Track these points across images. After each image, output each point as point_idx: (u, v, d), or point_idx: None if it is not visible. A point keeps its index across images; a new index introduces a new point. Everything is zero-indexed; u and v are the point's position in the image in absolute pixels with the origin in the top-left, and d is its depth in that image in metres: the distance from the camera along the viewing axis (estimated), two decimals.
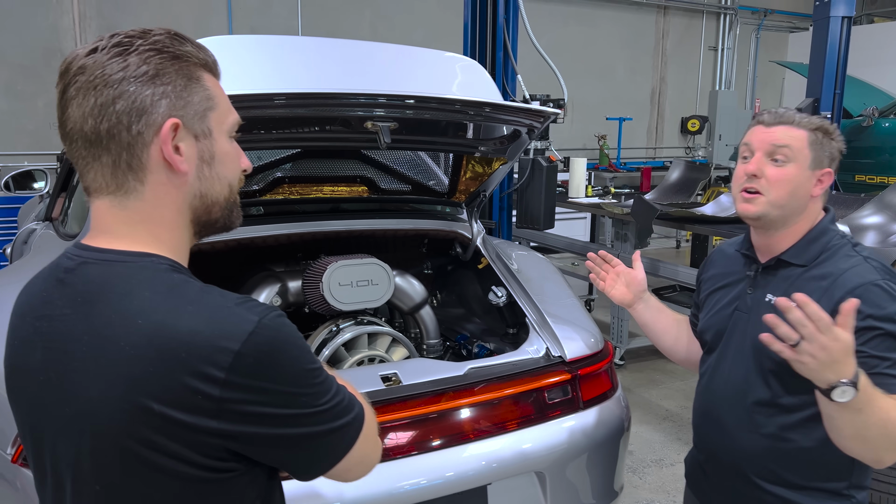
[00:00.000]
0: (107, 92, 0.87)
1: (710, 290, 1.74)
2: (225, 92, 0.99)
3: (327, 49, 2.03)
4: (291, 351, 0.90)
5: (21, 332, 0.98)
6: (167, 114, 0.89)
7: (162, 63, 0.89)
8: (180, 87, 0.91)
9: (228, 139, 0.99)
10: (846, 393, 1.26)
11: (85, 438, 0.88)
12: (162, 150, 0.90)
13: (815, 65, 4.99)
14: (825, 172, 1.52)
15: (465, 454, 1.91)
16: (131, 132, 0.88)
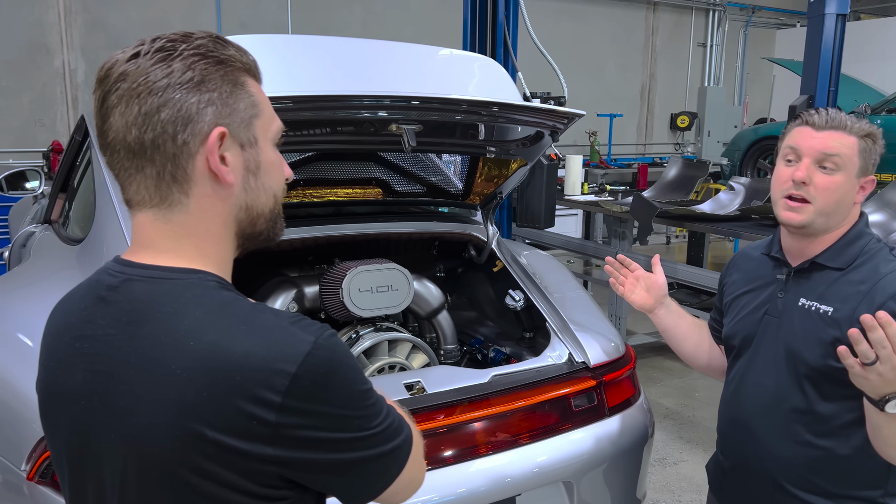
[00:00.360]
0: (151, 100, 0.82)
1: (735, 294, 1.70)
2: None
3: (346, 49, 1.98)
4: (346, 372, 0.86)
5: (59, 353, 0.92)
6: (213, 122, 0.85)
7: (207, 69, 0.84)
8: (226, 93, 0.86)
9: (273, 147, 0.94)
10: None
11: (132, 464, 0.84)
12: (208, 161, 0.85)
13: (810, 62, 4.99)
14: (868, 180, 1.50)
15: (494, 464, 1.87)
16: (177, 142, 0.83)
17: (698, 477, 3.62)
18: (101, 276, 0.92)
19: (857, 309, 1.41)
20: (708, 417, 4.37)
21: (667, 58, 10.77)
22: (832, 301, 1.47)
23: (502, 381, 1.99)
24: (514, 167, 2.37)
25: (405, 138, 1.85)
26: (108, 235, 2.24)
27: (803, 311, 1.51)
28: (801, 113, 1.52)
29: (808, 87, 5.05)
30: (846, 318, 1.42)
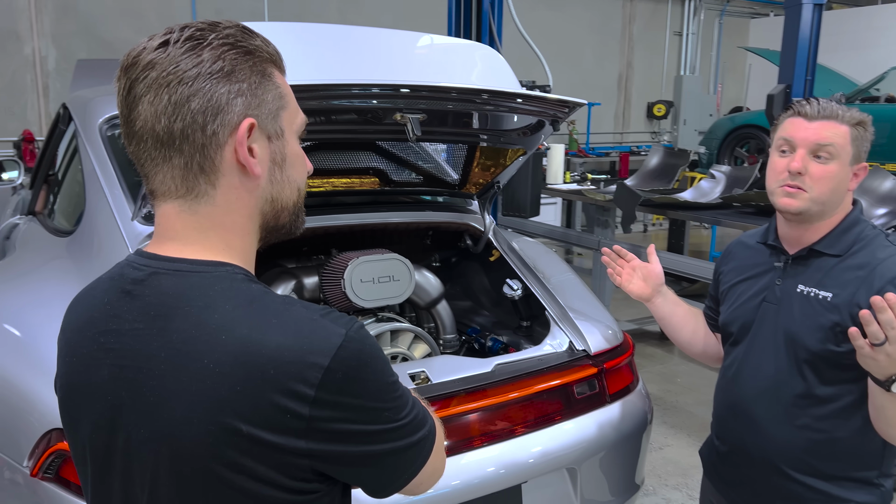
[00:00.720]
0: (181, 89, 0.81)
1: (732, 282, 1.73)
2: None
3: (347, 37, 1.95)
4: (376, 364, 0.86)
5: (81, 349, 0.90)
6: (243, 113, 0.84)
7: (236, 59, 0.84)
8: (255, 84, 0.85)
9: (297, 140, 0.94)
10: None
11: (163, 460, 0.83)
12: (237, 152, 0.84)
13: (787, 51, 5.05)
14: (861, 167, 1.53)
15: (500, 453, 1.88)
16: (206, 132, 0.82)
17: (683, 461, 3.69)
18: (125, 269, 0.90)
19: (857, 294, 1.45)
20: (691, 402, 4.44)
21: (643, 46, 10.83)
22: (831, 287, 1.50)
23: (506, 369, 2.00)
24: (511, 156, 2.37)
25: (410, 127, 1.84)
26: (99, 227, 2.20)
27: (802, 298, 1.54)
28: (793, 104, 1.55)
29: (785, 76, 5.11)
30: (845, 303, 1.46)
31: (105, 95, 2.72)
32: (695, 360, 1.88)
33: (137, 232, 2.06)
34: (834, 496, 1.53)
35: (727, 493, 1.73)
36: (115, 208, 2.15)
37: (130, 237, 2.05)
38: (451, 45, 2.11)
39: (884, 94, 6.33)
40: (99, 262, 2.14)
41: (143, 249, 0.90)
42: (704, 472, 1.84)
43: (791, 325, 1.54)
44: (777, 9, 11.40)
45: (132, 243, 2.03)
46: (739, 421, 1.66)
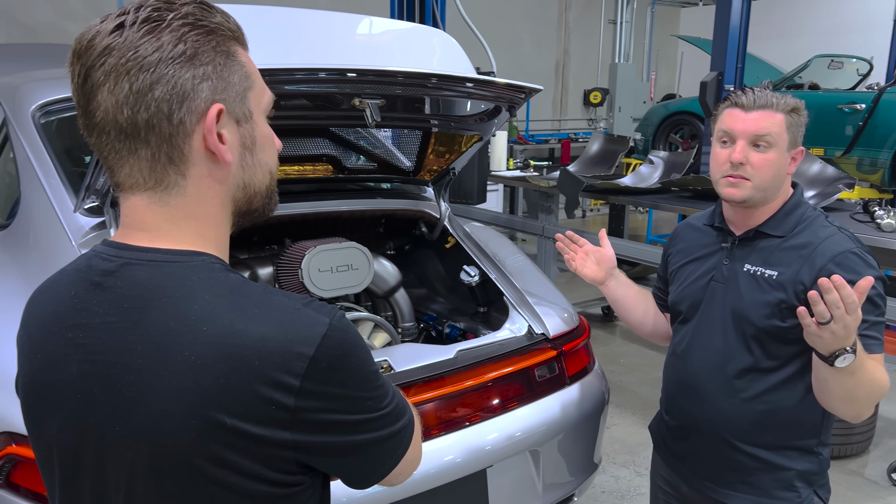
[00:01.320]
0: (143, 77, 0.76)
1: (680, 263, 1.79)
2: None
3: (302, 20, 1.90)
4: (359, 353, 0.85)
5: (46, 345, 0.86)
6: (210, 98, 0.80)
7: (198, 39, 0.79)
8: (220, 66, 0.81)
9: (265, 120, 0.90)
10: (847, 359, 1.36)
11: (142, 458, 0.79)
12: (206, 140, 0.80)
13: (719, 40, 5.21)
14: (798, 151, 1.60)
15: (465, 438, 1.89)
16: (172, 121, 0.78)
17: (630, 439, 3.79)
18: (93, 260, 0.85)
19: (800, 272, 1.52)
20: (635, 382, 4.56)
21: (579, 34, 10.98)
22: (776, 265, 1.57)
23: (468, 355, 2.01)
24: (466, 142, 2.37)
25: (369, 112, 1.81)
26: (37, 220, 2.09)
27: (748, 276, 1.60)
28: (729, 95, 1.61)
29: (717, 63, 5.26)
30: (790, 281, 1.53)
31: (35, 81, 2.58)
32: (637, 341, 1.94)
33: (80, 225, 1.97)
34: (777, 465, 1.61)
35: (676, 467, 1.79)
36: (55, 200, 2.05)
37: (73, 230, 1.95)
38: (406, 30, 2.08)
39: (807, 82, 6.60)
40: (38, 256, 2.03)
41: (111, 240, 0.86)
42: (654, 447, 1.90)
43: (738, 302, 1.61)
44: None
45: (75, 237, 1.94)
46: (688, 396, 1.71)
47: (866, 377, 1.42)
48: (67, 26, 6.98)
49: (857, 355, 1.36)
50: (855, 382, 1.42)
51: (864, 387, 1.43)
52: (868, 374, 1.42)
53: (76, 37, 0.80)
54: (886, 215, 3.44)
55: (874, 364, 1.45)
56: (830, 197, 3.95)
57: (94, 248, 0.87)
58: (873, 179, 5.67)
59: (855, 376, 1.40)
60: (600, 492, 3.29)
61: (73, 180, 2.14)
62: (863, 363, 1.40)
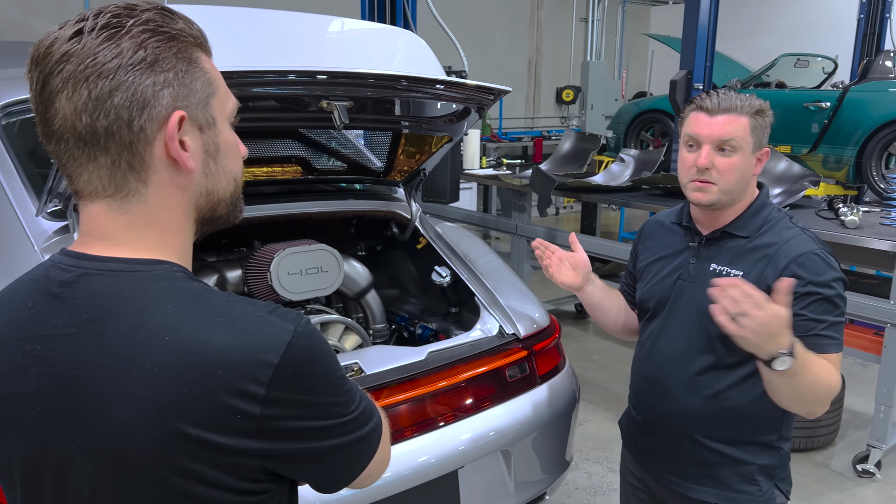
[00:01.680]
0: (101, 83, 0.75)
1: (648, 260, 1.81)
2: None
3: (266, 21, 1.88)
4: (324, 359, 0.84)
5: (2, 358, 0.84)
6: (171, 105, 0.79)
7: (159, 46, 0.78)
8: (182, 72, 0.80)
9: (229, 127, 0.90)
10: (785, 362, 1.37)
11: (105, 470, 0.78)
12: (167, 147, 0.80)
13: (688, 39, 5.27)
14: (763, 152, 1.63)
15: (436, 440, 1.89)
16: (133, 128, 0.77)
17: (602, 435, 3.83)
18: (50, 270, 0.84)
19: (764, 271, 1.56)
20: (607, 378, 4.61)
21: (551, 32, 11.03)
22: (741, 265, 1.60)
23: (439, 356, 2.01)
24: (437, 143, 2.37)
25: (337, 114, 1.80)
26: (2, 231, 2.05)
27: (714, 276, 1.63)
28: (695, 98, 1.63)
29: (686, 62, 5.33)
30: (754, 281, 1.55)
31: None
32: (610, 338, 1.95)
33: (43, 229, 1.93)
34: (739, 459, 1.64)
35: (643, 461, 1.81)
36: (16, 203, 2.00)
37: (35, 234, 1.92)
38: (374, 31, 2.07)
39: (774, 80, 6.71)
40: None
41: (69, 249, 0.84)
42: (623, 441, 1.92)
43: (704, 301, 1.62)
44: None
45: (37, 241, 1.91)
46: (654, 392, 1.74)
47: (811, 378, 1.43)
48: (32, 24, 6.84)
49: (796, 357, 1.36)
50: (799, 383, 1.43)
51: (809, 387, 1.45)
52: (813, 375, 1.43)
53: (34, 44, 0.79)
54: (850, 212, 3.52)
55: (823, 365, 1.47)
56: (797, 194, 4.02)
57: (52, 258, 0.85)
58: (838, 176, 5.78)
59: (798, 378, 1.41)
60: (574, 488, 3.32)
61: (36, 183, 2.10)
62: (807, 365, 1.41)
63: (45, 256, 1.85)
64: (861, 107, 5.55)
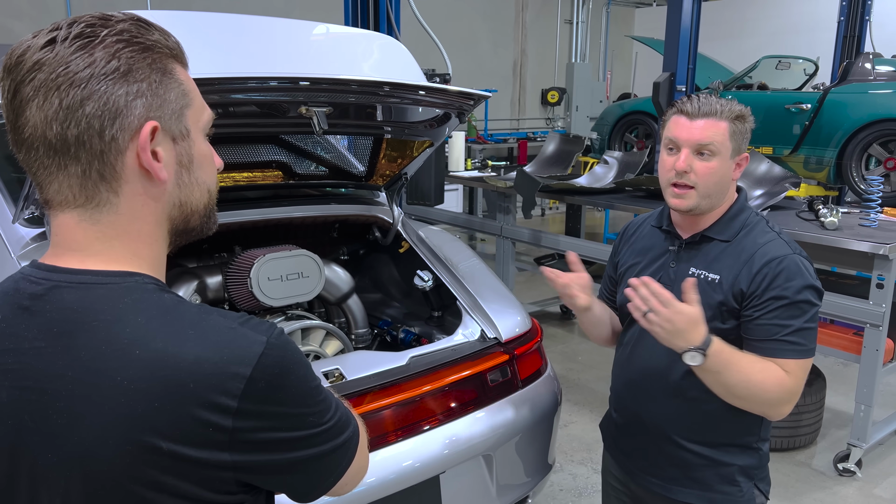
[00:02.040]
0: (73, 92, 0.75)
1: (629, 263, 1.82)
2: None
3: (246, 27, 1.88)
4: (298, 370, 0.84)
5: None
6: (144, 116, 0.79)
7: (133, 56, 0.78)
8: (155, 83, 0.80)
9: (204, 139, 0.89)
10: (695, 358, 1.45)
11: (76, 484, 0.78)
12: (139, 157, 0.79)
13: (670, 41, 5.30)
14: (742, 157, 1.64)
15: (418, 445, 1.90)
16: (104, 138, 0.77)
17: (587, 437, 3.84)
18: (20, 283, 0.83)
19: (739, 275, 1.57)
20: (592, 379, 4.63)
21: (536, 34, 11.06)
22: (719, 269, 1.62)
23: (420, 361, 2.01)
24: (418, 148, 2.37)
25: (316, 120, 1.79)
26: None
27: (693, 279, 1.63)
28: (676, 102, 1.65)
29: (669, 64, 5.36)
30: (729, 284, 1.58)
31: None
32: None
33: (20, 236, 1.91)
34: (719, 461, 1.65)
35: (624, 464, 1.82)
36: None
37: (12, 242, 1.90)
38: (354, 36, 2.07)
39: (756, 82, 6.76)
40: None
41: (39, 261, 0.84)
42: (604, 444, 1.93)
43: None
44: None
45: (14, 248, 1.89)
46: (635, 394, 1.75)
47: (738, 377, 1.48)
48: (13, 26, 6.77)
49: (709, 356, 1.44)
50: (725, 381, 1.49)
51: (739, 386, 1.49)
52: (740, 375, 1.48)
53: (7, 52, 0.78)
54: (830, 214, 3.55)
55: (763, 366, 1.50)
56: (778, 196, 4.06)
57: (22, 271, 0.85)
58: (819, 177, 5.83)
59: (722, 375, 1.47)
60: (558, 490, 3.33)
61: (12, 189, 2.08)
62: (729, 364, 1.47)
63: (22, 264, 1.83)
64: (841, 108, 5.60)
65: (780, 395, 1.52)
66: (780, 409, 1.55)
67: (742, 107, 1.63)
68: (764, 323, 1.53)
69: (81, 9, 7.04)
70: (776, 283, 1.53)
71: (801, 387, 1.55)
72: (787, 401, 1.54)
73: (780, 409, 1.55)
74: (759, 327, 1.54)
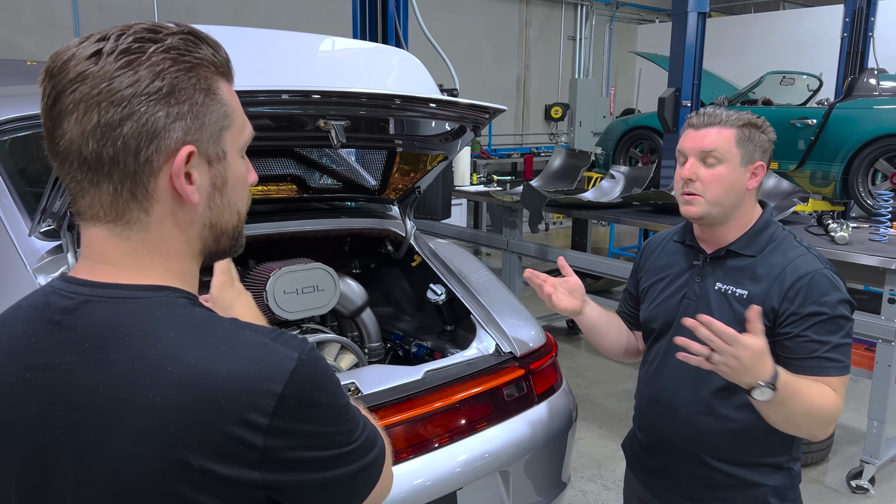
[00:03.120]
0: (113, 111, 0.74)
1: (652, 280, 1.80)
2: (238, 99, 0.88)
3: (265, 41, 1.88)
4: (328, 388, 0.83)
5: (2, 386, 0.82)
6: (182, 139, 0.78)
7: (178, 77, 0.77)
8: (197, 105, 0.79)
9: (240, 158, 0.88)
10: (765, 393, 1.38)
11: (106, 500, 0.77)
12: (172, 180, 0.79)
13: (675, 57, 5.33)
14: (758, 165, 1.62)
15: (434, 461, 1.87)
16: (139, 159, 0.76)
17: (597, 453, 3.81)
18: (50, 297, 0.83)
19: (769, 291, 1.55)
20: (600, 395, 4.60)
21: (540, 50, 11.14)
22: (746, 285, 1.59)
23: (436, 376, 2.00)
24: (431, 161, 2.37)
25: (334, 134, 1.80)
26: None
27: (719, 295, 1.62)
28: (688, 117, 1.66)
29: (674, 80, 5.38)
30: (759, 300, 1.55)
31: None
32: (602, 354, 1.90)
33: (35, 249, 1.91)
34: (750, 481, 1.62)
35: (650, 485, 1.79)
36: (8, 223, 1.98)
37: (28, 255, 1.89)
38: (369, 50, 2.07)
39: (761, 98, 6.79)
40: None
41: (69, 275, 0.83)
42: (627, 463, 1.90)
43: None
44: (662, 15, 12.04)
45: (30, 262, 1.88)
46: (661, 413, 1.72)
47: (802, 406, 1.43)
48: (20, 41, 6.81)
49: (779, 389, 1.37)
50: (790, 411, 1.44)
51: (801, 414, 1.45)
52: (804, 402, 1.43)
53: (52, 54, 0.77)
54: (840, 228, 3.54)
55: (819, 390, 1.46)
56: (786, 210, 4.06)
57: (52, 284, 0.84)
58: (826, 192, 5.84)
59: (787, 406, 1.42)
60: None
61: (28, 202, 2.08)
62: (795, 393, 1.41)
63: (38, 277, 1.82)
64: (847, 124, 5.62)
65: (834, 415, 1.49)
66: (827, 429, 1.53)
67: (754, 116, 1.63)
68: (803, 340, 1.50)
69: (90, 25, 7.09)
70: (812, 299, 1.50)
71: (842, 405, 1.52)
72: (834, 420, 1.51)
73: (827, 429, 1.52)
74: (798, 345, 1.51)
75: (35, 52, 6.52)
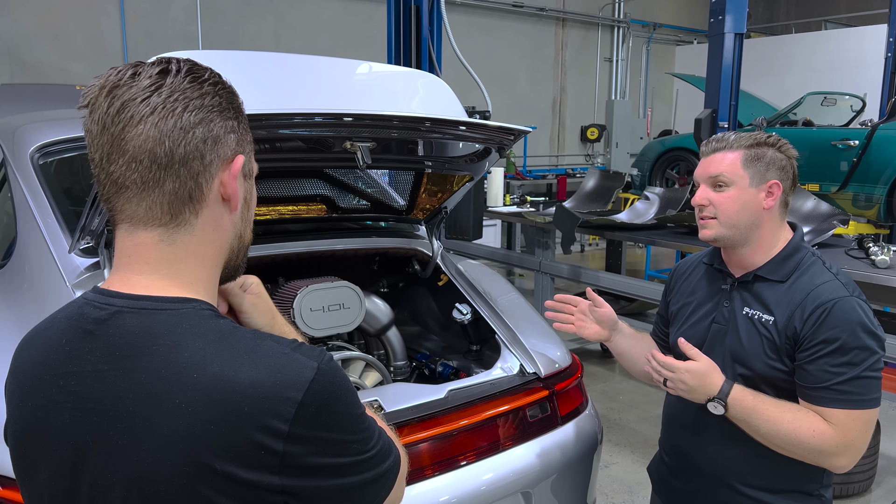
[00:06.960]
0: (187, 116, 0.83)
1: (681, 303, 1.79)
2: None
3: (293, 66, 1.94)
4: (346, 396, 0.86)
5: (37, 393, 0.87)
6: (236, 149, 0.89)
7: (229, 97, 0.88)
8: (243, 123, 0.91)
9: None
10: (717, 408, 1.52)
11: (134, 503, 0.81)
12: (223, 185, 0.87)
13: (712, 78, 5.28)
14: (772, 184, 1.59)
15: (457, 480, 1.87)
16: (204, 161, 0.85)
17: (629, 478, 3.75)
18: (84, 308, 0.87)
19: (793, 317, 1.52)
20: (633, 419, 4.53)
21: (576, 72, 11.16)
22: (773, 310, 1.57)
23: (459, 395, 2.00)
24: (458, 182, 2.40)
25: (360, 155, 1.84)
26: (32, 260, 2.11)
27: (747, 320, 1.60)
28: (702, 144, 1.69)
29: (711, 101, 5.33)
30: (783, 325, 1.54)
31: (35, 122, 2.61)
32: (636, 378, 1.91)
33: (75, 265, 1.98)
34: None
35: None
36: (50, 240, 2.06)
37: (67, 271, 1.97)
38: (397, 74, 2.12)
39: (801, 119, 6.68)
40: (32, 297, 2.04)
41: (100, 287, 0.88)
42: (654, 488, 1.87)
43: (737, 346, 1.61)
44: (700, 37, 11.96)
45: (69, 277, 1.95)
46: (689, 438, 1.70)
47: (767, 427, 1.48)
48: (70, 66, 7.10)
49: (732, 405, 1.49)
50: (756, 429, 1.50)
51: (771, 434, 1.49)
52: (767, 424, 1.48)
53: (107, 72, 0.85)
54: (881, 252, 3.45)
55: (792, 416, 1.48)
56: (825, 233, 3.97)
57: (86, 296, 0.89)
58: (869, 215, 5.69)
59: (750, 422, 1.50)
60: None
61: (70, 221, 2.16)
62: (754, 412, 1.49)
63: (77, 292, 1.89)
64: (891, 145, 5.49)
65: (822, 446, 1.47)
66: (831, 461, 1.50)
67: (765, 135, 1.62)
68: (813, 369, 1.48)
69: (136, 51, 7.36)
70: (826, 327, 1.47)
71: (857, 439, 1.48)
72: (836, 453, 1.48)
73: (830, 460, 1.50)
74: (808, 374, 1.50)
75: (84, 77, 6.79)
